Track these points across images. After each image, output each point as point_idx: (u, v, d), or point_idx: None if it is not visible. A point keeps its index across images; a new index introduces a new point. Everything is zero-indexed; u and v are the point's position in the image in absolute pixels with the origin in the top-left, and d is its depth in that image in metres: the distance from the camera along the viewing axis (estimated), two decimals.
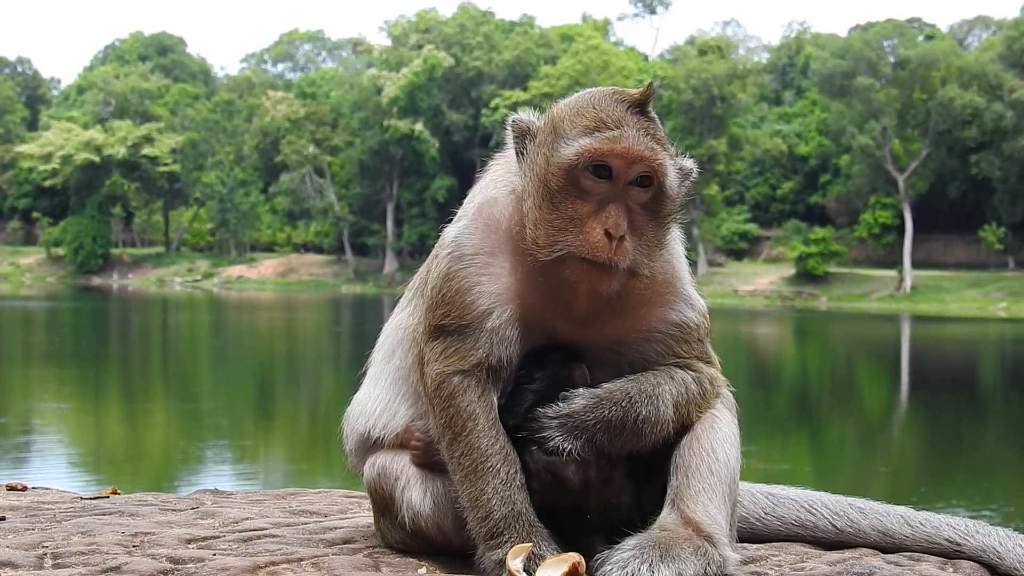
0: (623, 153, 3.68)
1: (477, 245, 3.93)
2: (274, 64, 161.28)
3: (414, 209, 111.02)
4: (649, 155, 3.69)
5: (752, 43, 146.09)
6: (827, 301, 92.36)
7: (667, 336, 3.97)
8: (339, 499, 5.58)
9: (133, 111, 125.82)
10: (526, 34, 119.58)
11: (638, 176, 3.72)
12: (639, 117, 3.76)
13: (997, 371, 44.28)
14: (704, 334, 4.06)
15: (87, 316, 66.84)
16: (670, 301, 3.98)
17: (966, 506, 17.82)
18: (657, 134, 3.76)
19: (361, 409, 4.29)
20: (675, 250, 4.04)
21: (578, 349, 3.94)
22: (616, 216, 3.67)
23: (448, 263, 3.93)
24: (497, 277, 3.89)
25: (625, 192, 3.72)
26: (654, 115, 3.82)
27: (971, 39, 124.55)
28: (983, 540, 4.22)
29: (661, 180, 3.73)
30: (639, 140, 3.70)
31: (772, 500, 4.59)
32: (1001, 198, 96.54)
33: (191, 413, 26.94)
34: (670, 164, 3.75)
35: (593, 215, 3.68)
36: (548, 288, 3.84)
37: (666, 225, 3.84)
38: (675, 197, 3.82)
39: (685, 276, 4.04)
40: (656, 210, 3.78)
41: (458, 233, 3.98)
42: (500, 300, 3.87)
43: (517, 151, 3.92)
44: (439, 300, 3.92)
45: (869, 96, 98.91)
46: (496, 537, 3.76)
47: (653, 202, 3.76)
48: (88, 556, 3.94)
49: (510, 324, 3.88)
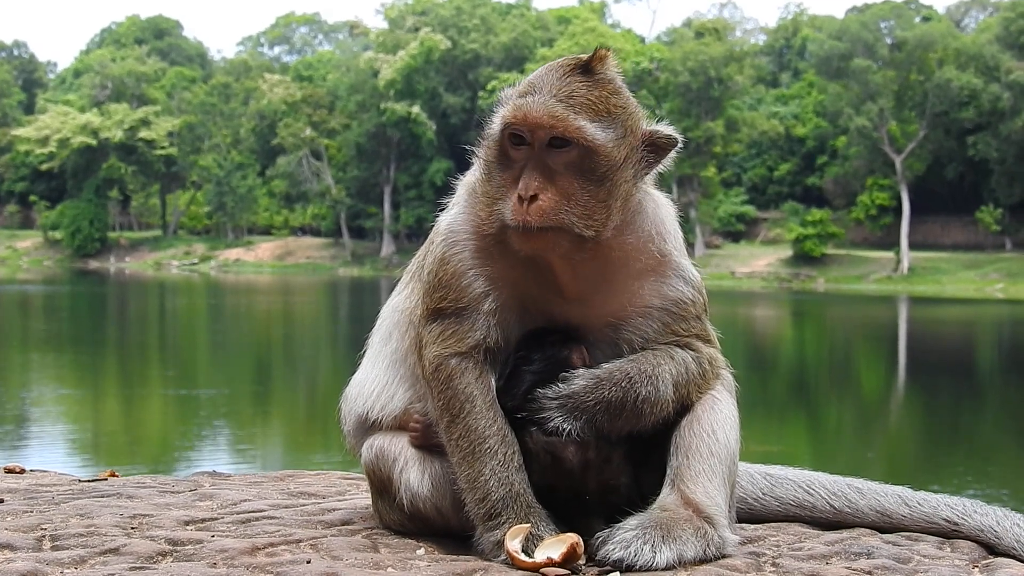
0: (523, 119, 3.70)
1: (471, 229, 3.93)
2: (271, 47, 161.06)
3: (411, 192, 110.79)
4: (548, 120, 3.68)
5: (749, 25, 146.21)
6: (824, 283, 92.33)
7: (663, 313, 3.95)
8: (337, 481, 5.58)
9: (130, 94, 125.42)
10: (523, 16, 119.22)
11: (549, 139, 3.71)
12: (575, 81, 3.75)
13: (994, 352, 44.31)
14: (701, 310, 4.03)
15: (84, 300, 66.78)
16: (663, 274, 3.95)
17: (963, 486, 17.84)
18: (588, 96, 3.73)
19: (359, 390, 4.29)
20: (664, 223, 3.99)
21: (577, 330, 3.93)
22: (527, 178, 3.68)
23: (443, 248, 3.95)
24: (493, 260, 3.89)
25: (544, 155, 3.71)
26: (605, 79, 3.80)
27: (968, 20, 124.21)
28: (980, 520, 4.22)
29: (575, 139, 3.69)
30: (542, 104, 3.70)
31: (770, 480, 4.59)
32: (998, 179, 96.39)
33: (189, 395, 26.93)
34: (585, 124, 3.69)
35: (515, 182, 3.72)
36: (537, 267, 3.85)
37: (608, 186, 3.75)
38: (610, 157, 3.74)
39: (677, 248, 4.00)
40: (586, 169, 3.73)
41: (452, 218, 4.01)
42: (496, 282, 3.88)
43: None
44: (436, 284, 3.93)
45: (866, 78, 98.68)
46: (494, 518, 3.77)
47: (580, 161, 3.72)
48: (87, 538, 3.94)
49: (507, 306, 3.89)
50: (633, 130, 3.81)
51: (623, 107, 3.80)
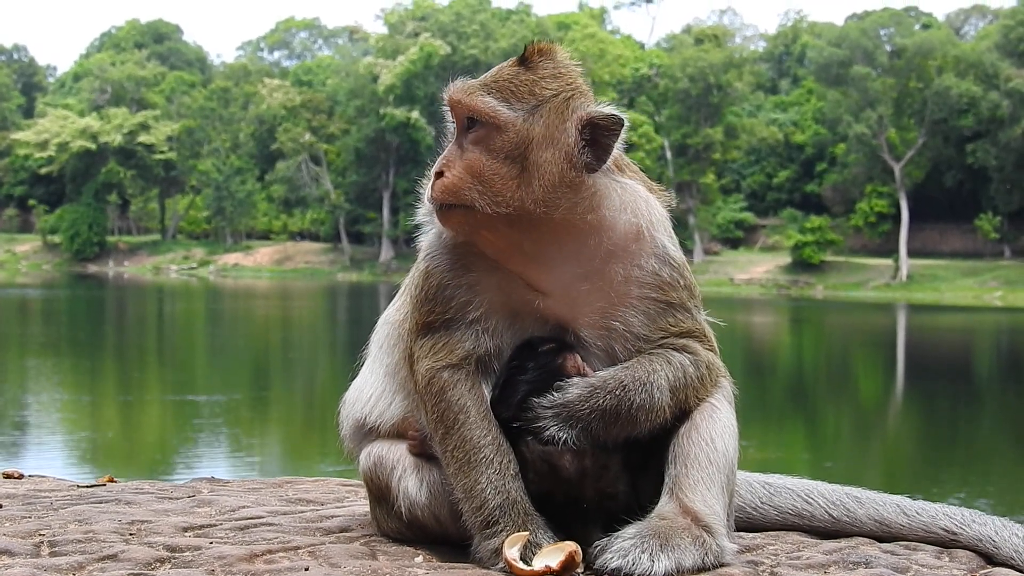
0: (446, 100, 3.91)
1: (448, 241, 3.98)
2: (270, 52, 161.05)
3: (410, 197, 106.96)
4: (457, 96, 3.85)
5: (748, 32, 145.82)
6: (823, 290, 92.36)
7: (647, 302, 3.91)
8: (335, 487, 5.58)
9: (129, 98, 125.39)
10: (522, 22, 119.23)
11: (464, 119, 3.85)
12: (507, 69, 3.88)
13: (993, 360, 44.33)
14: (687, 298, 3.98)
15: (83, 304, 66.78)
16: (636, 254, 3.90)
17: (962, 495, 17.84)
18: (511, 81, 3.82)
19: (358, 395, 4.30)
20: (637, 204, 3.93)
21: (569, 337, 3.91)
22: (440, 158, 3.89)
23: (425, 262, 4.02)
24: (471, 269, 3.92)
25: (463, 137, 3.86)
26: (540, 67, 3.85)
27: (968, 28, 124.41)
28: (979, 529, 4.21)
29: (481, 116, 3.79)
30: (461, 86, 3.88)
31: (768, 489, 4.59)
32: (997, 187, 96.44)
33: (187, 401, 26.93)
34: (491, 101, 3.78)
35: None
36: (507, 268, 3.88)
37: (522, 163, 3.77)
38: (519, 134, 3.76)
39: (651, 226, 3.94)
40: (494, 146, 3.79)
41: (432, 233, 4.08)
42: (477, 290, 3.90)
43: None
44: (422, 298, 3.97)
45: (865, 85, 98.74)
46: (492, 526, 3.76)
47: (487, 139, 3.80)
48: (85, 544, 3.94)
49: (492, 312, 3.89)
50: (561, 112, 3.80)
51: (553, 91, 3.82)
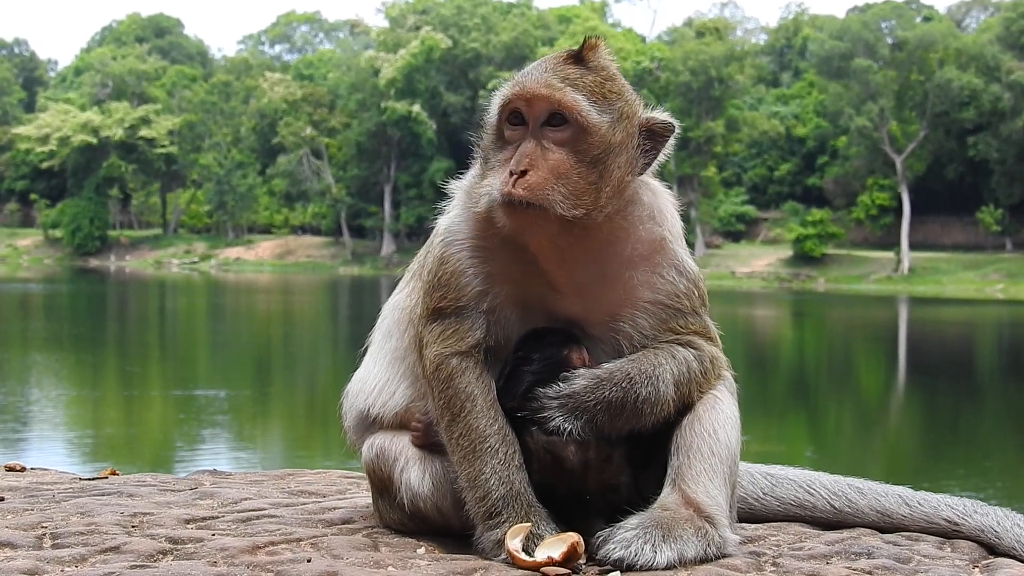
0: (521, 93, 3.75)
1: (468, 230, 3.95)
2: (271, 46, 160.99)
3: (411, 191, 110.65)
4: (546, 91, 3.73)
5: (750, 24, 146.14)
6: (824, 283, 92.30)
7: (658, 307, 3.93)
8: (337, 479, 5.58)
9: (130, 93, 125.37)
10: (523, 15, 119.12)
11: (546, 115, 3.75)
12: (569, 68, 3.80)
13: (994, 353, 44.31)
14: (699, 304, 4.01)
15: (84, 298, 66.78)
16: (657, 263, 3.93)
17: (963, 487, 17.84)
18: (583, 79, 3.78)
19: (360, 386, 4.30)
20: (662, 211, 3.98)
21: (576, 331, 3.92)
22: (520, 154, 3.72)
23: (442, 248, 3.97)
24: (490, 259, 3.90)
25: (539, 133, 3.75)
26: (598, 66, 3.84)
27: (969, 20, 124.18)
28: (981, 520, 4.22)
29: (572, 115, 3.72)
30: (538, 79, 3.76)
31: (771, 480, 4.59)
32: (999, 180, 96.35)
33: (189, 394, 26.93)
34: (582, 100, 3.73)
35: (508, 162, 3.75)
36: (532, 263, 3.85)
37: (601, 169, 3.76)
38: (604, 139, 3.76)
39: (674, 236, 3.98)
40: (580, 150, 3.75)
41: (450, 220, 4.03)
42: (494, 281, 3.89)
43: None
44: (436, 283, 3.94)
45: (867, 78, 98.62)
46: (494, 517, 3.77)
47: (574, 141, 3.74)
48: (87, 536, 3.94)
49: (506, 304, 3.90)
50: (629, 116, 3.83)
51: (618, 92, 3.83)
